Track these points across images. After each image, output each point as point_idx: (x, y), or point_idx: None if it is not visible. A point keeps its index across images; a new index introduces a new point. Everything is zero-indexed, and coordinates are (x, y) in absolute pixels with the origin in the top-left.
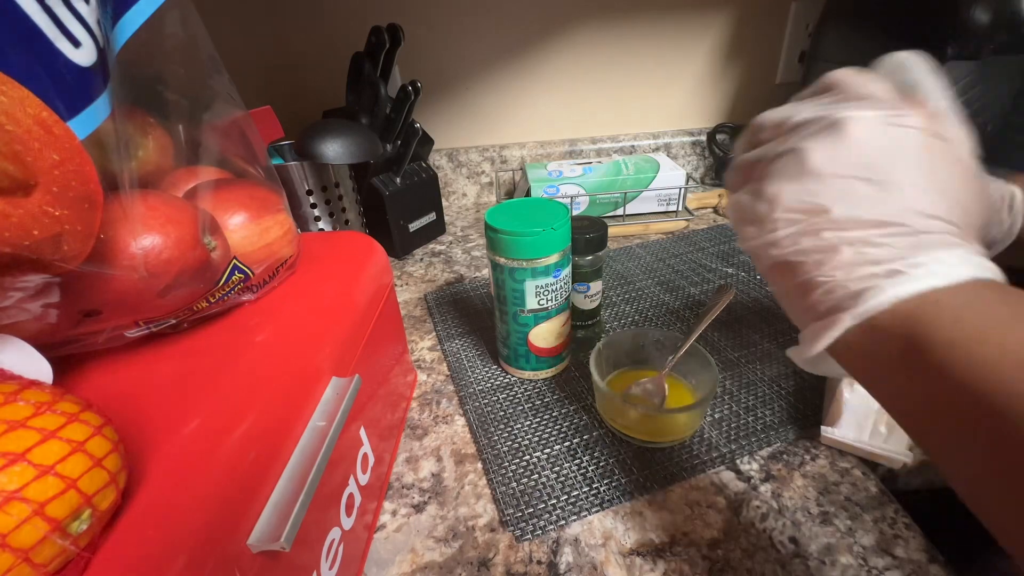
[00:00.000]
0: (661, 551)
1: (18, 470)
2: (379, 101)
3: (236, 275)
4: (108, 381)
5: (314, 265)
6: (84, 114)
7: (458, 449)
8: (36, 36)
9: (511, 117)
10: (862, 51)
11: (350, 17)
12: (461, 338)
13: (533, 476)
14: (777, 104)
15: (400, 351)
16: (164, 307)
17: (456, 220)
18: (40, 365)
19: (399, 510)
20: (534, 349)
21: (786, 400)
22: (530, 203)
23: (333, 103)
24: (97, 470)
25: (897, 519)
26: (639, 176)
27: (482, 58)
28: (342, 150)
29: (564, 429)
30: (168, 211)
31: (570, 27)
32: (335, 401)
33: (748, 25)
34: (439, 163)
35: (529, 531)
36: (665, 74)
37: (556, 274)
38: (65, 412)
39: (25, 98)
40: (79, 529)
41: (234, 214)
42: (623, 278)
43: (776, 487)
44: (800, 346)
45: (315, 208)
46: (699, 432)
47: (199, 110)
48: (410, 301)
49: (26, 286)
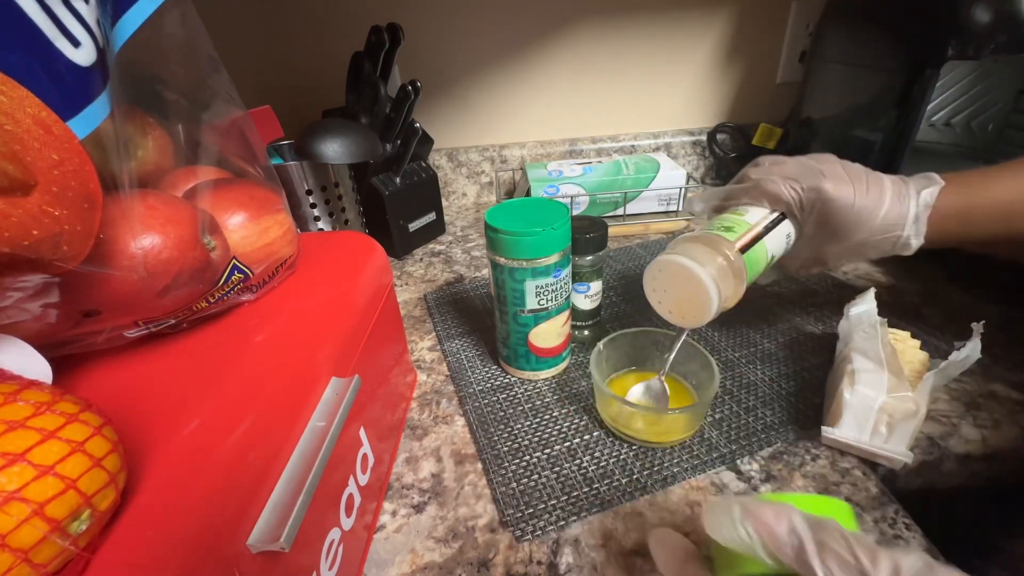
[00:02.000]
0: None
1: (18, 470)
2: (379, 101)
3: (236, 275)
4: (108, 381)
5: (314, 265)
6: (84, 114)
7: (458, 449)
8: (36, 36)
9: (511, 117)
10: (862, 51)
11: (350, 17)
12: (461, 338)
13: (533, 476)
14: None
15: (400, 351)
16: (164, 307)
17: (456, 220)
18: (40, 365)
19: (399, 510)
20: (534, 349)
21: (786, 400)
22: (530, 203)
23: (333, 103)
24: (97, 470)
25: (897, 519)
26: (639, 176)
27: (482, 58)
28: (342, 150)
29: (564, 429)
30: (168, 211)
31: (570, 27)
32: (335, 401)
33: (748, 25)
34: (439, 163)
35: (529, 531)
36: (665, 74)
37: (556, 274)
38: (65, 412)
39: (25, 98)
40: (79, 529)
41: (234, 214)
42: (623, 278)
43: (777, 487)
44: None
45: (315, 208)
46: (699, 432)
47: (199, 110)
48: (410, 301)
49: (26, 286)
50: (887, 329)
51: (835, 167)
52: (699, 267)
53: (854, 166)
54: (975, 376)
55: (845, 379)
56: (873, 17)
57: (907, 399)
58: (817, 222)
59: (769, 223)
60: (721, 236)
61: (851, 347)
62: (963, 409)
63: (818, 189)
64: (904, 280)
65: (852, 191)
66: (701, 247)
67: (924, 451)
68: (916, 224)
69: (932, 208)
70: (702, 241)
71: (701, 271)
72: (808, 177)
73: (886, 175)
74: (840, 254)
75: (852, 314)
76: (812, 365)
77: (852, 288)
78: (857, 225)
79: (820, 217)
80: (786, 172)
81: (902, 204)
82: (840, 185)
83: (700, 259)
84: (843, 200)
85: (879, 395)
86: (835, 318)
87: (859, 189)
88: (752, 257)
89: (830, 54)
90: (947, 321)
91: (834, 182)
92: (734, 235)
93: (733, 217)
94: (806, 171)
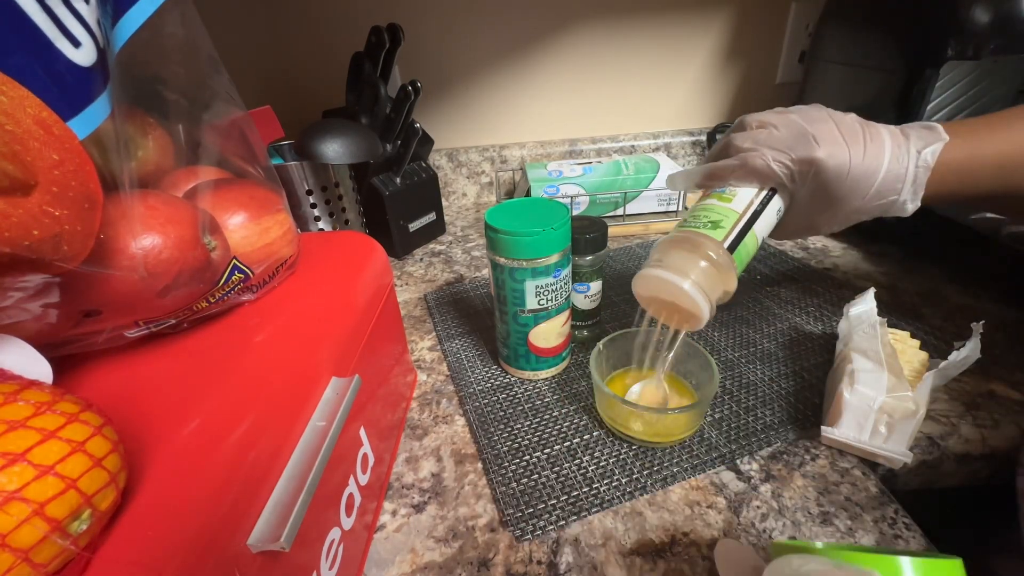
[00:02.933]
0: (661, 551)
1: (18, 470)
2: (379, 101)
3: (236, 275)
4: (108, 381)
5: (314, 265)
6: (84, 114)
7: (458, 449)
8: (36, 36)
9: (511, 117)
10: (862, 51)
11: (350, 17)
12: (461, 338)
13: (533, 476)
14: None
15: (400, 351)
16: (164, 307)
17: (456, 220)
18: (40, 365)
19: (399, 510)
20: (534, 349)
21: (786, 400)
22: (530, 203)
23: (333, 103)
24: (97, 470)
25: (897, 519)
26: (639, 176)
27: (482, 58)
28: (342, 150)
29: (564, 429)
30: (168, 211)
31: (570, 27)
32: (335, 401)
33: (748, 25)
34: (439, 163)
35: (529, 531)
36: (665, 74)
37: (556, 274)
38: (65, 412)
39: (25, 98)
40: (79, 529)
41: (234, 214)
42: (623, 278)
43: (776, 487)
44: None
45: (315, 208)
46: (699, 432)
47: (199, 110)
48: (410, 301)
49: (26, 286)
50: (887, 329)
51: (829, 127)
52: (681, 278)
53: (848, 120)
54: (975, 376)
55: (845, 379)
56: (873, 17)
57: (907, 399)
58: (810, 192)
59: (759, 206)
60: (706, 235)
61: (851, 347)
62: (962, 409)
63: (811, 160)
64: (904, 280)
65: (848, 156)
66: (683, 253)
67: (924, 451)
68: (914, 186)
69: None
70: (685, 245)
71: (684, 282)
72: (800, 146)
73: (885, 127)
74: (832, 221)
75: (852, 314)
76: (811, 365)
77: (852, 288)
78: (852, 193)
79: (813, 187)
80: (774, 142)
81: (900, 165)
82: (836, 150)
83: (682, 268)
84: (839, 169)
85: (879, 395)
86: (835, 318)
87: (855, 152)
88: (742, 250)
89: (830, 54)
90: (947, 321)
91: (828, 147)
92: (722, 231)
93: (719, 206)
94: (797, 138)
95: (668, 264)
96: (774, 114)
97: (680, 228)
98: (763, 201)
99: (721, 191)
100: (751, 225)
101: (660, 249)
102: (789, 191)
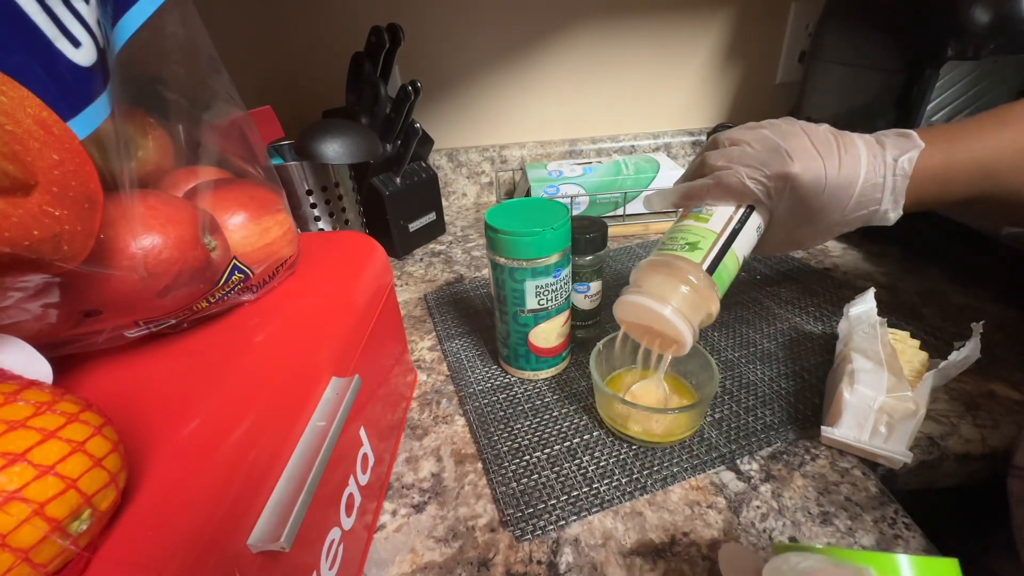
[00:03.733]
0: (661, 551)
1: (18, 470)
2: (379, 101)
3: (236, 275)
4: (108, 381)
5: (314, 265)
6: (84, 114)
7: (458, 449)
8: (36, 36)
9: (511, 117)
10: (862, 51)
11: (350, 17)
12: (461, 338)
13: (533, 476)
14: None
15: (400, 351)
16: (164, 307)
17: (456, 220)
18: (40, 365)
19: (399, 510)
20: (534, 349)
21: (786, 400)
22: (530, 203)
23: (333, 103)
24: (97, 470)
25: (897, 519)
26: (639, 176)
27: (482, 58)
28: (342, 150)
29: (564, 429)
30: (168, 211)
31: (570, 27)
32: (335, 401)
33: (748, 25)
34: (439, 163)
35: (529, 531)
36: (665, 74)
37: (556, 274)
38: (65, 412)
39: (25, 98)
40: (79, 529)
41: (234, 214)
42: (623, 278)
43: (776, 487)
44: (909, 140)
45: (315, 208)
46: (699, 432)
47: (199, 110)
48: (410, 301)
49: (26, 286)
50: (887, 329)
51: (801, 141)
52: (661, 305)
53: (821, 131)
54: (974, 376)
55: (845, 379)
56: (873, 17)
57: (906, 399)
58: (788, 207)
59: (736, 224)
60: (684, 258)
61: (851, 347)
62: (962, 409)
63: (785, 175)
64: (904, 280)
65: (823, 170)
66: (662, 278)
67: (923, 451)
68: (894, 195)
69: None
70: (663, 269)
71: (664, 309)
72: (773, 162)
73: (859, 136)
74: (815, 234)
75: (852, 314)
76: (811, 365)
77: (852, 288)
78: (831, 205)
79: (790, 202)
80: (747, 159)
81: (877, 174)
82: (810, 164)
83: (662, 294)
84: (815, 182)
85: (878, 395)
86: (835, 318)
87: (830, 165)
88: (722, 271)
89: (829, 54)
90: (947, 321)
91: (802, 162)
92: (700, 252)
93: (696, 227)
94: (770, 154)
95: (647, 290)
96: (746, 130)
97: (658, 251)
98: (741, 219)
99: (698, 211)
100: (730, 244)
101: (639, 273)
102: (767, 207)
